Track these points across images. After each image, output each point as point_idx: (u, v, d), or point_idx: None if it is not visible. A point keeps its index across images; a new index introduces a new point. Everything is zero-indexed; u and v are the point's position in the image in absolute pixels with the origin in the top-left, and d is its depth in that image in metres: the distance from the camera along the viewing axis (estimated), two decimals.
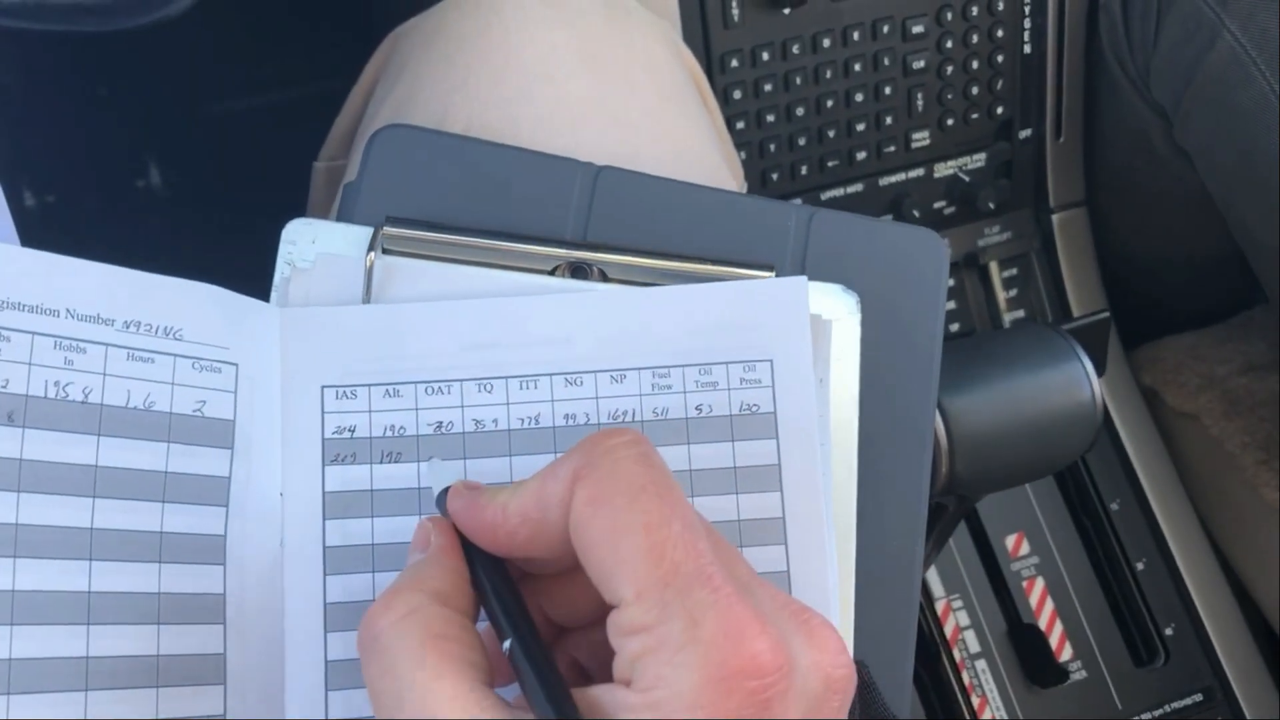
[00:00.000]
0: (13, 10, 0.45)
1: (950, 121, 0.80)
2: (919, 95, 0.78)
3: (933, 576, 0.77)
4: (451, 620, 0.30)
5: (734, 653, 0.27)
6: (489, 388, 0.37)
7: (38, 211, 1.00)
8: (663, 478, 0.29)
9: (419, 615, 0.29)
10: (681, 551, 0.28)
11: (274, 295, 0.38)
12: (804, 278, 0.39)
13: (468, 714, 0.27)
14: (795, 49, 0.74)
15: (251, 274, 0.42)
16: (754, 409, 0.38)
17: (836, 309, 0.40)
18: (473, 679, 0.28)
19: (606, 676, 0.29)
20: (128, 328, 0.35)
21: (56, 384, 0.33)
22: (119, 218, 1.04)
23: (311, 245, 0.38)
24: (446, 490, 0.33)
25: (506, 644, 0.29)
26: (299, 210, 0.62)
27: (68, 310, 0.34)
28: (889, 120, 0.78)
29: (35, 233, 0.42)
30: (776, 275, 0.40)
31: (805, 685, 0.28)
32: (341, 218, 0.40)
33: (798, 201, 0.79)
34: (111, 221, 1.02)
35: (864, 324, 0.40)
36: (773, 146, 0.77)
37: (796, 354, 0.38)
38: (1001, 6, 0.78)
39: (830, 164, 0.78)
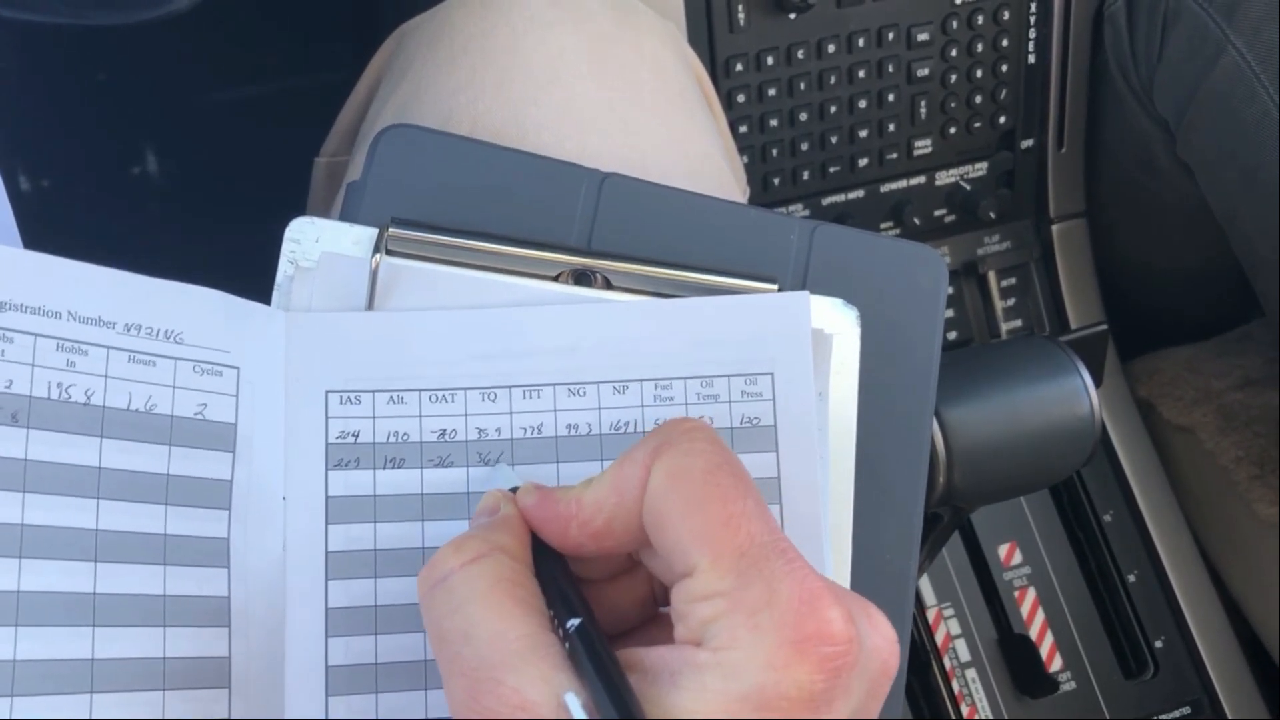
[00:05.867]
0: (17, 1, 0.45)
1: (953, 130, 0.80)
2: (922, 103, 0.78)
3: (925, 585, 0.77)
4: (519, 570, 0.30)
5: (810, 617, 0.27)
6: (493, 397, 0.37)
7: (33, 195, 1.00)
8: (735, 459, 0.30)
9: (490, 560, 0.30)
10: (757, 524, 0.28)
11: (276, 294, 0.38)
12: (806, 293, 0.39)
13: (537, 655, 0.28)
14: (800, 54, 0.74)
15: (246, 266, 0.41)
16: (755, 422, 0.38)
17: (837, 323, 0.40)
18: (542, 624, 0.29)
19: None
20: (129, 330, 0.34)
21: (59, 385, 0.33)
22: (114, 204, 1.03)
23: (315, 244, 0.38)
24: (513, 490, 0.33)
25: (570, 624, 0.29)
26: (296, 204, 0.62)
27: (69, 312, 0.34)
28: (892, 127, 0.78)
29: (29, 217, 0.42)
30: (779, 287, 0.40)
31: (868, 665, 0.28)
32: (344, 217, 0.40)
33: (799, 208, 0.79)
34: (106, 208, 1.02)
35: (863, 338, 0.40)
36: (775, 151, 0.77)
37: (798, 368, 0.38)
38: (1007, 16, 0.78)
39: (832, 170, 0.78)
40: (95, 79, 1.02)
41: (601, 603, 0.32)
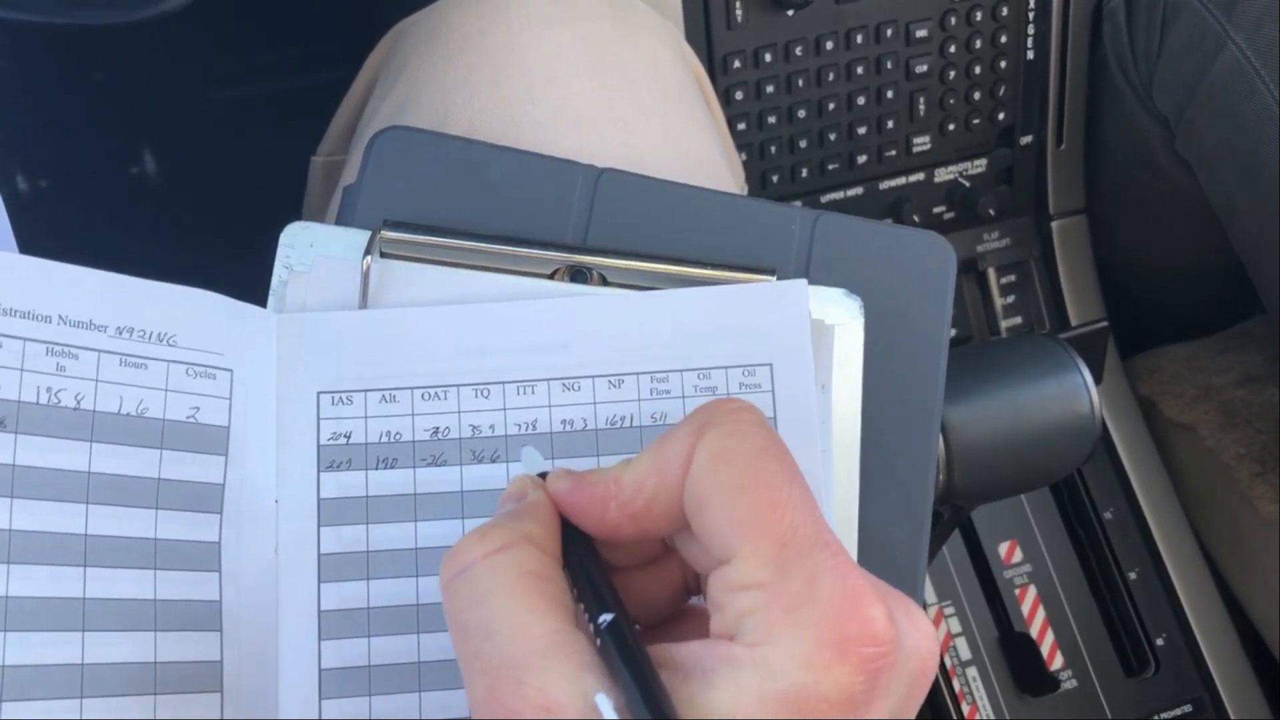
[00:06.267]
0: (11, 0, 0.44)
1: (951, 126, 0.80)
2: (921, 99, 0.78)
3: (925, 583, 0.77)
4: (546, 562, 0.29)
5: (852, 617, 0.26)
6: (486, 393, 0.37)
7: (30, 195, 0.99)
8: (782, 443, 0.29)
9: (515, 551, 0.29)
10: (802, 514, 0.27)
11: (271, 299, 0.38)
12: (804, 281, 0.38)
13: (563, 652, 0.27)
14: (798, 51, 0.74)
15: (244, 267, 0.41)
16: None
17: (839, 313, 0.39)
18: (568, 620, 0.28)
19: None
20: (120, 334, 0.34)
21: (48, 390, 0.33)
22: (112, 205, 1.03)
23: (309, 249, 0.38)
24: (543, 475, 0.32)
25: (601, 619, 0.28)
26: (293, 203, 0.62)
27: (60, 316, 0.34)
28: (890, 124, 0.78)
29: (27, 217, 0.42)
30: (779, 279, 0.39)
31: (906, 665, 0.27)
32: (341, 220, 0.40)
33: (799, 204, 0.79)
34: (104, 208, 1.02)
35: (869, 329, 0.39)
36: (773, 148, 0.76)
37: (796, 358, 0.38)
38: (1005, 12, 0.77)
39: (831, 167, 0.78)
40: (91, 79, 1.02)
41: (631, 592, 0.31)
